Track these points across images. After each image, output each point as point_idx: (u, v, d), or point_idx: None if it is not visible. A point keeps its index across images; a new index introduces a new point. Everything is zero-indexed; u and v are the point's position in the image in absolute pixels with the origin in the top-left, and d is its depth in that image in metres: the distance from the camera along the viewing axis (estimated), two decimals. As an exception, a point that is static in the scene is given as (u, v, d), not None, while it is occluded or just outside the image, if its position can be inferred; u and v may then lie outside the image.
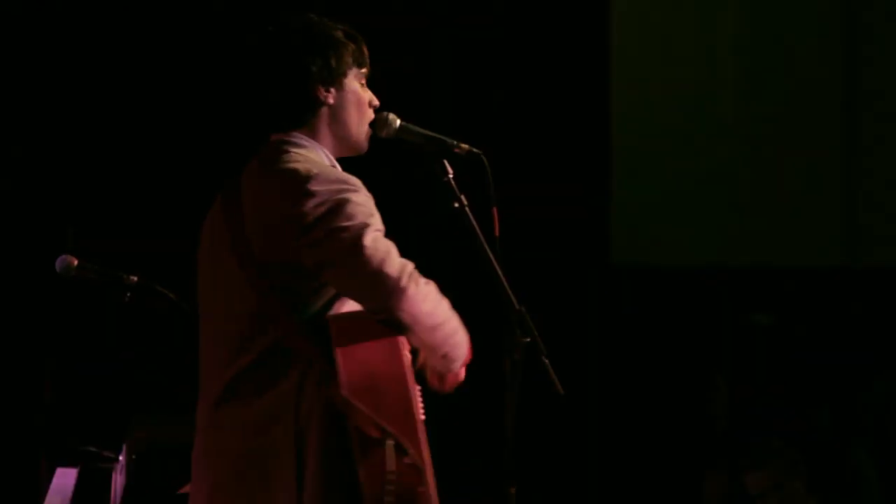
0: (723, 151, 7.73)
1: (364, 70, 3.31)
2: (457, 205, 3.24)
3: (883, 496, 6.85)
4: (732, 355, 7.60)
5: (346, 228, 3.05)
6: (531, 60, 7.59)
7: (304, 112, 3.23)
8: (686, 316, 7.60)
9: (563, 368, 3.21)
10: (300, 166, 3.13)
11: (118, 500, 4.57)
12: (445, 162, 3.29)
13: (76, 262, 4.38)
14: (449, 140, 3.32)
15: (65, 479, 4.56)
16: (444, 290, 3.20)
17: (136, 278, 4.40)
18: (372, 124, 3.34)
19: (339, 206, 3.07)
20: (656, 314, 7.62)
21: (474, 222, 3.22)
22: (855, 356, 7.50)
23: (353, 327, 3.06)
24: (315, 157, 3.20)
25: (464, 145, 3.32)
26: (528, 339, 3.16)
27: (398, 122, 3.33)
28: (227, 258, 3.15)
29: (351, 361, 3.01)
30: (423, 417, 3.14)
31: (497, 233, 3.27)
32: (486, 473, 6.62)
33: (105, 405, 6.62)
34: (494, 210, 3.26)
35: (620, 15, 7.73)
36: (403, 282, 3.05)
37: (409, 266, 3.09)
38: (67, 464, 4.63)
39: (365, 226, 3.07)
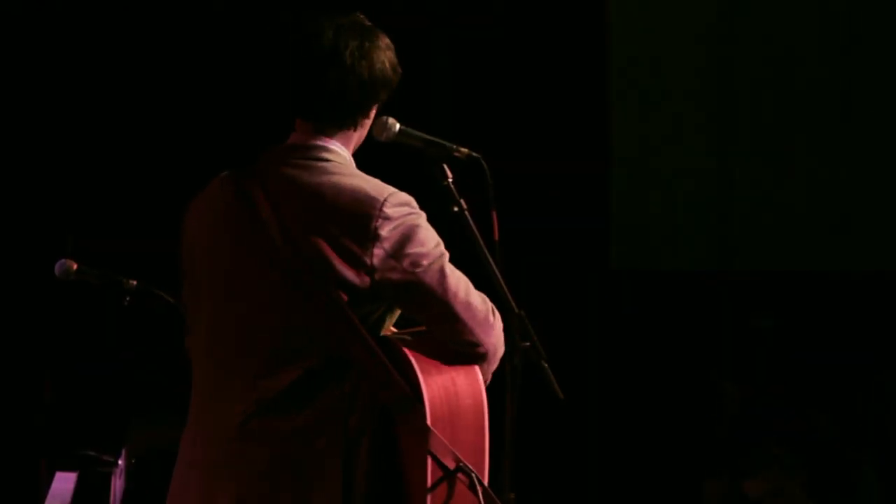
0: (723, 154, 7.73)
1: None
2: (456, 209, 3.23)
3: (883, 499, 6.84)
4: (734, 358, 7.59)
5: (426, 254, 3.04)
6: (530, 64, 7.59)
7: (355, 120, 3.18)
8: (686, 319, 7.59)
9: (562, 373, 3.20)
10: (366, 184, 3.08)
11: (117, 504, 4.57)
12: (445, 166, 3.28)
13: (75, 267, 4.38)
14: (448, 144, 3.31)
15: (64, 483, 4.56)
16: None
17: (135, 282, 4.40)
18: (371, 128, 3.33)
19: (412, 232, 3.06)
20: (656, 318, 7.61)
21: (474, 226, 3.21)
22: (856, 358, 7.49)
23: (426, 350, 3.02)
24: (354, 169, 3.16)
25: (463, 149, 3.31)
26: (528, 344, 3.14)
27: (398, 125, 3.32)
28: (268, 267, 3.05)
29: (433, 388, 2.98)
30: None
31: (497, 237, 3.25)
32: (486, 479, 6.61)
33: (104, 409, 6.61)
34: (494, 214, 3.25)
35: (618, 18, 7.72)
36: (490, 315, 3.08)
37: (488, 300, 3.10)
38: (67, 468, 4.63)
39: (442, 253, 3.08)
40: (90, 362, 6.77)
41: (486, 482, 3.01)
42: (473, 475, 2.97)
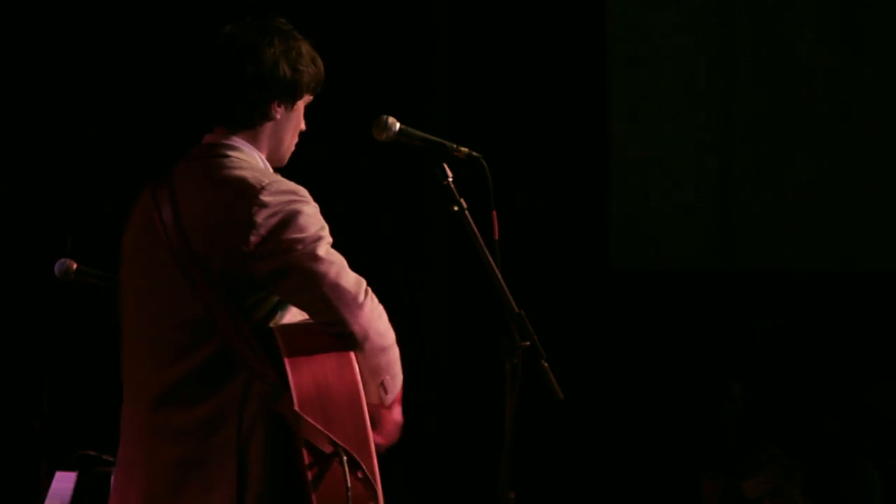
0: (723, 154, 7.73)
1: (311, 98, 3.31)
2: (456, 208, 3.23)
3: (885, 497, 6.84)
4: (734, 359, 7.59)
5: (301, 240, 3.04)
6: (530, 64, 7.59)
7: (252, 119, 3.23)
8: (686, 320, 7.60)
9: (562, 373, 3.20)
10: (249, 174, 3.12)
11: (117, 504, 4.56)
12: (445, 165, 3.28)
13: (75, 267, 4.38)
14: (448, 143, 3.31)
15: (64, 482, 4.56)
16: (445, 292, 3.20)
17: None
18: (372, 128, 3.34)
19: (291, 217, 3.06)
20: (656, 318, 7.61)
21: (474, 226, 3.21)
22: (857, 360, 7.49)
23: (301, 339, 3.04)
24: (255, 163, 3.20)
25: (463, 148, 3.31)
26: (528, 343, 3.14)
27: (398, 125, 3.33)
28: (167, 263, 3.11)
29: (301, 374, 2.99)
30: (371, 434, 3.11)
31: (497, 236, 3.25)
32: (486, 479, 6.62)
33: (104, 408, 6.60)
34: (494, 214, 3.25)
35: (618, 18, 7.73)
36: (361, 296, 3.04)
37: (364, 281, 3.08)
38: (67, 467, 4.63)
39: (319, 238, 3.06)
40: (89, 365, 6.78)
41: (372, 463, 3.00)
42: (345, 459, 2.96)
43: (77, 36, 6.98)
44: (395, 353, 3.13)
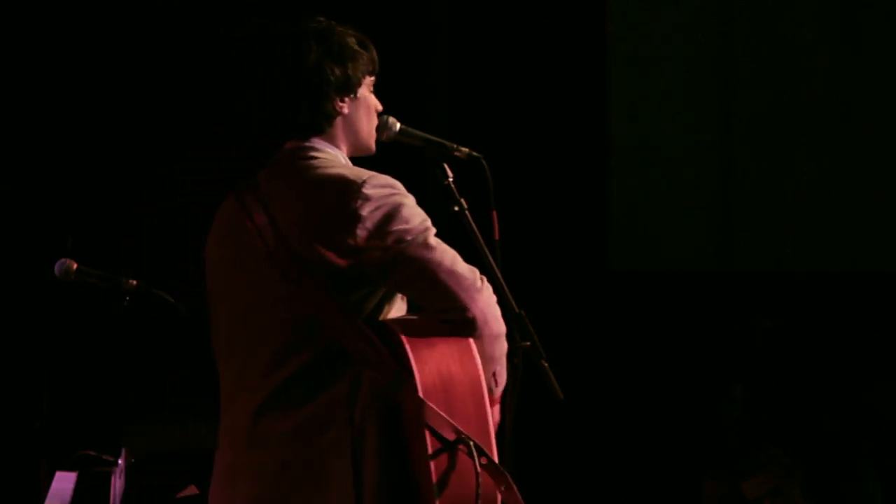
0: (723, 154, 7.73)
1: (373, 77, 3.30)
2: (456, 208, 3.23)
3: (884, 498, 6.84)
4: (734, 359, 7.59)
5: (409, 230, 3.04)
6: (530, 63, 7.59)
7: (322, 122, 3.21)
8: (686, 320, 7.60)
9: (562, 373, 3.20)
10: (346, 171, 3.11)
11: (117, 504, 4.57)
12: (445, 165, 3.29)
13: (75, 267, 4.38)
14: (449, 143, 3.31)
15: (64, 482, 4.56)
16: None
17: (135, 282, 4.40)
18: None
19: (396, 209, 3.06)
20: (655, 318, 7.61)
21: (474, 226, 3.21)
22: (857, 360, 7.49)
23: (418, 329, 3.03)
24: (343, 161, 3.20)
25: (464, 148, 3.32)
26: (528, 343, 3.15)
27: (398, 125, 3.33)
28: (261, 267, 3.09)
29: (423, 362, 2.98)
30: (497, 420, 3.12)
31: (497, 236, 3.25)
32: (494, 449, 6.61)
33: (104, 409, 6.61)
34: (494, 214, 3.25)
35: (618, 18, 7.73)
36: (478, 281, 3.05)
37: (477, 270, 3.08)
38: (67, 467, 4.63)
39: (426, 228, 3.07)
40: (89, 365, 6.78)
41: (493, 453, 2.99)
42: (472, 444, 2.95)
43: (77, 36, 6.98)
44: (505, 344, 3.11)
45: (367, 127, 3.28)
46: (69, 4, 6.96)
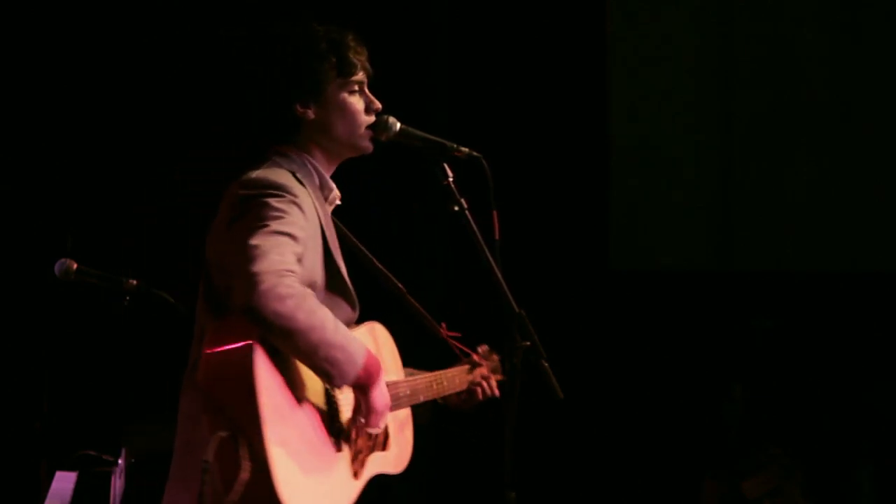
0: (723, 154, 7.73)
1: (355, 77, 3.32)
2: (456, 208, 3.23)
3: (879, 498, 6.84)
4: (734, 359, 7.59)
5: (247, 227, 3.10)
6: (530, 63, 7.59)
7: (287, 129, 3.31)
8: (686, 320, 7.59)
9: (562, 373, 3.20)
10: (252, 173, 3.22)
11: (117, 504, 4.57)
12: (445, 165, 3.29)
13: (75, 266, 4.38)
14: (449, 143, 3.32)
15: (64, 482, 4.56)
16: (445, 292, 3.20)
17: (135, 282, 4.40)
18: (372, 127, 3.34)
19: (252, 208, 3.13)
20: (656, 318, 7.61)
21: (474, 226, 3.21)
22: (857, 360, 7.49)
23: (228, 325, 3.10)
24: (290, 167, 3.27)
25: (464, 148, 3.32)
26: (528, 343, 3.14)
27: (398, 125, 3.33)
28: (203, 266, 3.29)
29: (210, 356, 3.06)
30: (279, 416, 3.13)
31: (497, 236, 3.25)
32: (486, 478, 6.61)
33: (104, 408, 6.61)
34: (494, 214, 3.25)
35: (618, 18, 7.73)
36: (259, 277, 3.02)
37: (283, 267, 3.06)
38: (67, 467, 4.63)
39: (263, 226, 3.10)
40: (89, 364, 6.77)
41: (264, 447, 3.00)
42: (232, 436, 3.01)
43: (77, 36, 6.97)
44: (318, 336, 3.08)
45: (344, 129, 3.32)
46: (69, 4, 6.96)
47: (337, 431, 3.22)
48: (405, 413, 3.60)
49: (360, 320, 3.46)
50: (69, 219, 6.75)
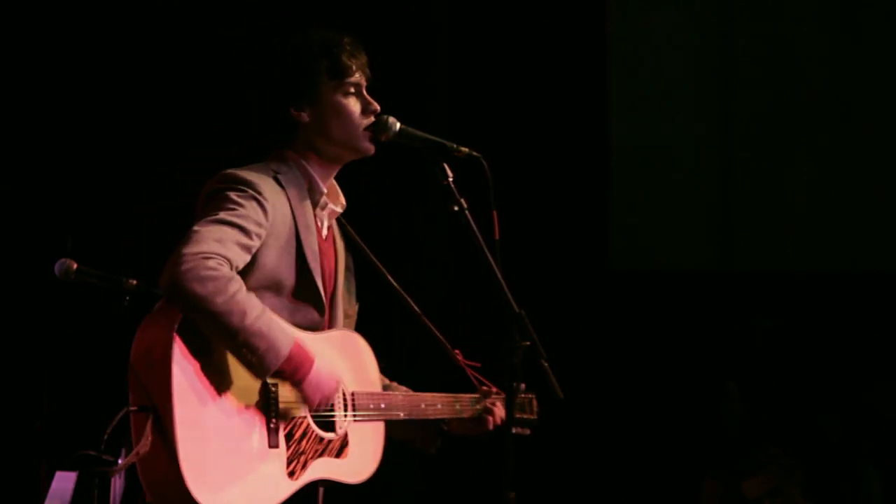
0: (723, 154, 7.73)
1: (351, 79, 3.32)
2: (456, 208, 3.23)
3: (884, 497, 6.84)
4: (734, 359, 7.59)
5: (200, 216, 3.22)
6: (531, 63, 7.59)
7: (284, 132, 3.34)
8: (686, 320, 7.59)
9: (562, 372, 3.20)
10: (229, 170, 3.30)
11: (117, 504, 4.56)
12: (445, 165, 3.29)
13: (75, 266, 4.38)
14: (449, 143, 3.32)
15: (64, 482, 4.55)
16: (445, 292, 3.20)
17: (135, 282, 4.40)
18: (372, 128, 3.34)
19: (212, 199, 3.24)
20: (656, 318, 7.61)
21: (474, 226, 3.20)
22: (857, 360, 7.49)
23: (165, 307, 3.20)
24: (279, 168, 3.33)
25: (464, 148, 3.32)
26: (528, 343, 3.14)
27: (398, 125, 3.34)
28: None
29: (140, 336, 3.18)
30: (192, 398, 3.18)
31: (497, 236, 3.25)
32: (486, 478, 6.61)
33: (104, 409, 6.60)
34: (494, 214, 3.25)
35: (618, 18, 7.73)
36: (186, 258, 3.10)
37: (213, 252, 3.12)
38: (67, 467, 4.62)
39: (213, 216, 3.18)
40: (89, 364, 6.77)
41: (173, 426, 3.08)
42: (147, 410, 3.12)
43: (77, 36, 6.97)
44: (238, 321, 3.12)
45: (342, 130, 3.33)
46: (69, 4, 6.96)
47: (274, 428, 3.22)
48: (375, 426, 3.55)
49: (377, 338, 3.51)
50: (69, 219, 6.74)
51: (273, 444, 3.22)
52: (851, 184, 7.63)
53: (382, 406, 3.52)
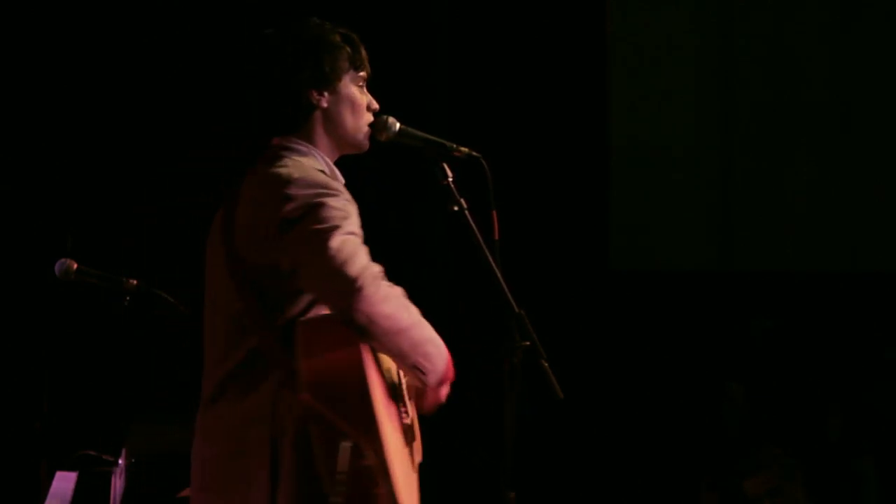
0: (723, 154, 7.73)
1: (362, 73, 3.31)
2: (456, 208, 3.23)
3: (882, 497, 6.84)
4: (734, 359, 7.59)
5: (318, 231, 3.04)
6: (531, 63, 7.59)
7: (298, 116, 3.25)
8: (686, 320, 7.60)
9: (562, 373, 3.20)
10: (283, 171, 3.14)
11: (117, 504, 4.57)
12: (445, 165, 3.28)
13: (76, 266, 4.38)
14: (448, 143, 3.31)
15: (64, 482, 4.56)
16: (445, 292, 3.21)
17: (135, 282, 4.40)
18: (371, 127, 3.34)
19: (313, 210, 3.07)
20: (656, 318, 7.61)
21: (474, 226, 3.20)
22: (857, 360, 7.49)
23: (322, 330, 3.05)
24: (309, 161, 3.21)
25: (463, 148, 3.32)
26: (528, 343, 3.14)
27: (398, 125, 3.33)
28: (221, 262, 3.18)
29: (313, 364, 3.01)
30: (405, 423, 3.14)
31: (497, 236, 3.25)
32: (486, 478, 6.62)
33: (104, 408, 6.61)
34: (494, 214, 3.25)
35: (618, 18, 7.73)
36: (360, 282, 3.01)
37: (374, 269, 3.05)
38: (67, 467, 4.63)
39: (335, 227, 3.06)
40: (90, 364, 6.78)
41: (381, 449, 2.98)
42: (352, 443, 2.97)
43: (77, 36, 6.98)
44: (418, 334, 3.09)
45: (353, 123, 3.29)
46: (69, 4, 6.96)
47: (406, 427, 3.22)
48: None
49: None
50: (69, 219, 6.75)
51: (408, 443, 3.22)
52: (851, 184, 7.64)
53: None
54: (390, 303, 3.05)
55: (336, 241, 3.03)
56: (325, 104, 3.25)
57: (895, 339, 7.46)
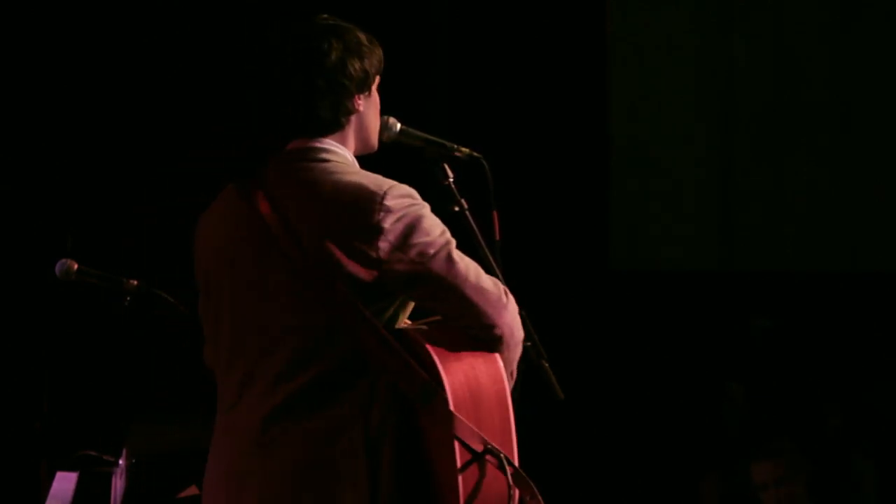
0: (723, 155, 7.73)
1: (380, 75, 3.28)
2: (457, 208, 3.23)
3: (879, 493, 6.85)
4: (734, 359, 7.59)
5: (432, 244, 3.00)
6: (531, 63, 7.59)
7: (342, 119, 3.14)
8: (686, 320, 7.60)
9: (562, 373, 3.20)
10: (365, 180, 3.05)
11: (118, 504, 4.57)
12: (445, 165, 3.28)
13: (76, 267, 4.38)
14: (449, 143, 3.31)
15: (65, 482, 4.55)
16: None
17: (135, 282, 4.39)
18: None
19: (417, 222, 3.01)
20: (656, 318, 7.61)
21: (474, 226, 3.20)
22: (857, 360, 7.49)
23: (443, 340, 3.01)
24: (354, 166, 3.14)
25: (464, 149, 3.31)
26: (528, 343, 3.14)
27: (398, 125, 3.32)
28: (278, 269, 3.05)
29: (453, 374, 2.96)
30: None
31: (497, 236, 3.25)
32: (517, 460, 6.61)
33: (104, 409, 6.61)
34: (495, 214, 3.25)
35: (618, 18, 7.73)
36: (503, 297, 3.02)
37: (498, 280, 3.05)
38: (68, 468, 4.62)
39: (448, 240, 3.02)
40: (90, 365, 6.78)
41: (516, 463, 3.00)
42: (502, 456, 2.96)
43: (77, 36, 6.98)
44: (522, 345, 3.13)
45: (376, 125, 3.23)
46: (69, 4, 6.96)
47: None
48: None
49: None
50: (69, 219, 6.74)
51: None
52: (851, 184, 7.64)
53: None
54: (519, 319, 3.08)
55: (457, 255, 3.02)
56: (361, 108, 3.19)
57: (895, 339, 7.46)
